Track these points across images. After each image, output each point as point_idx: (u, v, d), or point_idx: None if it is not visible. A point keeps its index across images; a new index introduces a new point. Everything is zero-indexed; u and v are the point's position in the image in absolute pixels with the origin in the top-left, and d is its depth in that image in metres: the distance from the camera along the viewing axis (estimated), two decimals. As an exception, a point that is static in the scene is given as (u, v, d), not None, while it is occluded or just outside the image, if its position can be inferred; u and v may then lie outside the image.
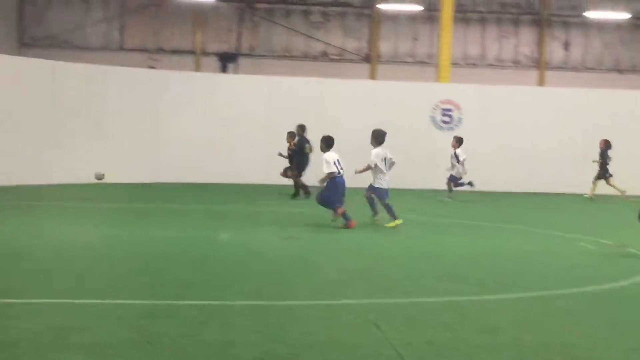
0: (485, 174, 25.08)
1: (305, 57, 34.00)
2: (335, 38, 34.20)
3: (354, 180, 15.09)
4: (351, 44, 34.25)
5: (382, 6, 33.48)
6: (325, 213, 14.97)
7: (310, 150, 19.80)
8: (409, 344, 6.65)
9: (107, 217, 15.49)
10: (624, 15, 33.05)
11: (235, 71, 32.70)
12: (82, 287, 8.56)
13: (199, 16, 33.74)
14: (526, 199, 23.24)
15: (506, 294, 9.03)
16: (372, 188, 15.04)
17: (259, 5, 34.05)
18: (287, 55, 33.95)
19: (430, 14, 33.16)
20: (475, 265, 11.07)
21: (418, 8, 33.38)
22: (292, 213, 16.98)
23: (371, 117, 24.73)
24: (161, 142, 23.81)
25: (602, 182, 22.90)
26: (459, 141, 21.47)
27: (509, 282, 9.78)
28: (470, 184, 21.27)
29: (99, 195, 19.87)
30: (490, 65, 34.34)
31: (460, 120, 25.36)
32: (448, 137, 25.02)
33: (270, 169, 22.85)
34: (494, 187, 24.82)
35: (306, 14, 34.20)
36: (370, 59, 34.10)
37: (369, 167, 14.81)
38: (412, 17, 34.19)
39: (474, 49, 34.46)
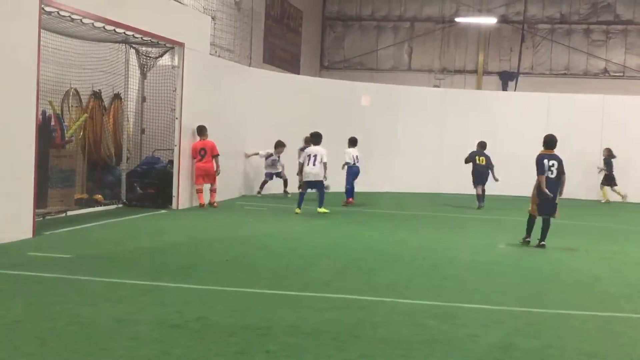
0: None
1: (585, 74, 32.57)
2: (617, 55, 32.42)
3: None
4: (633, 61, 32.28)
5: (667, 22, 31.27)
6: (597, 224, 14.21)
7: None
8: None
9: (400, 222, 15.80)
10: None
11: (515, 89, 32.07)
12: (372, 285, 8.80)
13: (482, 37, 33.54)
14: None
15: None
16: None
17: (539, 26, 33.18)
18: (566, 73, 32.74)
19: None
20: None
21: None
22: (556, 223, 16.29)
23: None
24: (444, 156, 23.90)
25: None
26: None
27: None
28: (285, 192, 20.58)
29: (385, 203, 20.32)
30: None
31: None
32: None
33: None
34: None
35: (587, 32, 32.77)
36: (652, 75, 31.94)
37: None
38: (700, 32, 31.57)
39: None
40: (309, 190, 16.68)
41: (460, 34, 33.76)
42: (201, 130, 16.79)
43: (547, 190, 12.31)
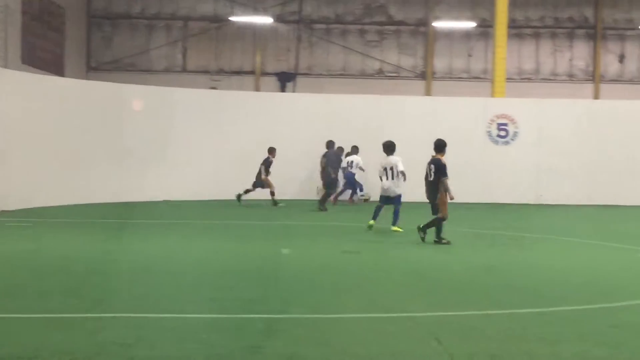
0: (542, 187, 24.82)
1: (362, 75, 34.03)
2: (391, 56, 34.19)
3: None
4: (406, 62, 34.19)
5: (436, 24, 33.39)
6: (384, 227, 14.90)
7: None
8: (470, 357, 6.55)
9: (173, 233, 15.62)
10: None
11: (294, 90, 32.90)
12: (147, 301, 8.63)
13: (258, 37, 34.05)
14: (584, 212, 22.83)
15: (568, 306, 8.83)
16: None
17: (315, 26, 34.23)
18: (343, 73, 34.03)
19: (484, 30, 32.95)
20: (536, 277, 10.87)
21: (472, 25, 33.18)
22: (351, 227, 16.92)
23: (427, 132, 24.64)
24: (222, 160, 23.95)
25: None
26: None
27: (571, 294, 9.58)
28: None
29: (167, 212, 20.12)
30: (545, 80, 33.94)
31: (516, 134, 25.05)
32: (504, 152, 24.83)
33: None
34: (549, 200, 24.49)
35: (362, 33, 34.26)
36: (425, 75, 33.98)
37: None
38: (466, 34, 34.01)
39: (529, 64, 34.09)
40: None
41: (236, 34, 34.07)
42: None
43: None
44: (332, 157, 21.65)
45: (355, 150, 23.36)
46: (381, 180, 15.81)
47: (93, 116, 21.78)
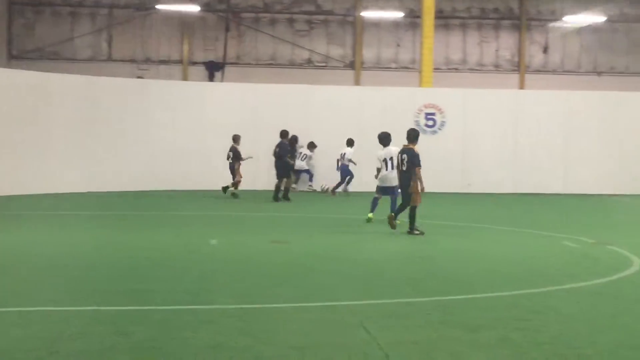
0: (469, 176, 25.21)
1: (291, 64, 33.99)
2: (320, 45, 34.22)
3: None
4: (335, 51, 34.27)
5: (365, 14, 33.55)
6: (312, 216, 14.94)
7: None
8: (396, 344, 6.65)
9: (95, 225, 15.38)
10: (600, 19, 33.23)
11: (222, 80, 32.68)
12: (71, 294, 8.50)
13: (186, 26, 33.70)
14: (510, 200, 23.28)
15: (493, 292, 9.03)
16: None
17: (244, 15, 34.05)
18: (272, 63, 33.94)
19: (412, 21, 33.24)
20: (463, 265, 11.08)
21: (400, 15, 33.44)
22: (280, 217, 16.94)
23: (356, 122, 24.78)
24: (150, 151, 23.68)
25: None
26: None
27: (496, 281, 9.79)
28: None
29: (90, 204, 19.81)
30: (472, 70, 34.43)
31: (443, 123, 25.37)
32: (432, 141, 25.09)
33: (256, 175, 22.93)
34: (476, 189, 24.87)
35: (291, 22, 34.21)
36: (354, 65, 34.12)
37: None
38: (394, 24, 34.26)
39: (456, 54, 34.53)
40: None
41: (163, 23, 33.64)
42: None
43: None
44: (285, 147, 21.30)
45: (350, 142, 23.46)
46: (378, 172, 15.49)
47: (15, 106, 21.27)
